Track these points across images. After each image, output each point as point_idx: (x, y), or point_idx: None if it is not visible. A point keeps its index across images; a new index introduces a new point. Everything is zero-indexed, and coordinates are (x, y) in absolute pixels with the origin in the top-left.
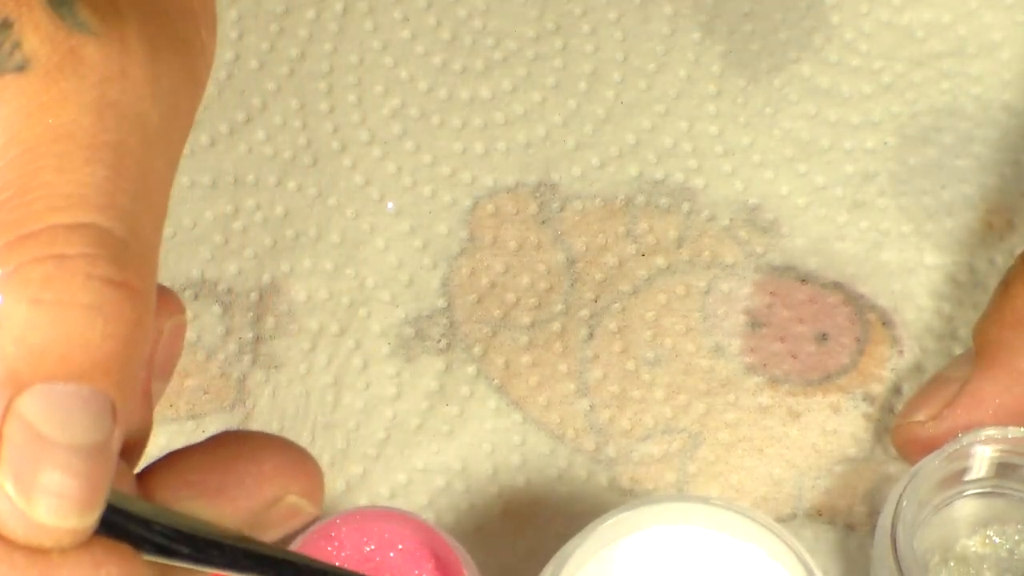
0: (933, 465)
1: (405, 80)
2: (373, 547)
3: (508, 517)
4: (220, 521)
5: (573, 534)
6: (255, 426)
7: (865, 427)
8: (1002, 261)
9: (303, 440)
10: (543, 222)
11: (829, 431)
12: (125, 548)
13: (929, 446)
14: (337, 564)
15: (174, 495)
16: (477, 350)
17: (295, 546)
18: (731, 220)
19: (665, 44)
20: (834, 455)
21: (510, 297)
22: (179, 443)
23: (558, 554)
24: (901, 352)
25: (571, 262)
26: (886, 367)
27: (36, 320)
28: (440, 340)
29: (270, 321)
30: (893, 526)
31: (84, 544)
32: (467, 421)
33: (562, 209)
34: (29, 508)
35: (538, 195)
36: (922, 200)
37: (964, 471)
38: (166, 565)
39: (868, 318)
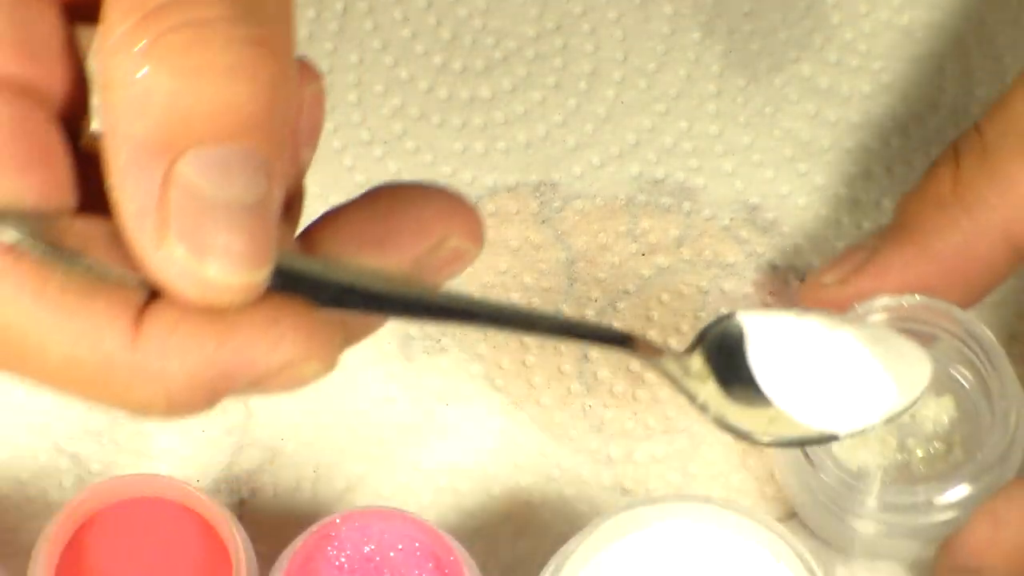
0: None
1: (405, 80)
2: (373, 547)
3: (508, 517)
4: (387, 269)
5: (574, 534)
6: (255, 426)
7: None
8: None
9: (303, 440)
10: (544, 221)
11: None
12: (299, 301)
13: (833, 308)
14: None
15: (339, 249)
16: (478, 350)
17: (295, 546)
18: (731, 220)
19: (665, 44)
20: None
21: (511, 296)
22: (179, 444)
23: (558, 554)
24: None
25: (572, 261)
26: None
27: (182, 87)
28: (441, 340)
29: None
30: None
31: (258, 301)
32: (468, 421)
33: (562, 208)
34: (202, 268)
35: (539, 194)
36: None
37: None
38: (341, 315)
39: None
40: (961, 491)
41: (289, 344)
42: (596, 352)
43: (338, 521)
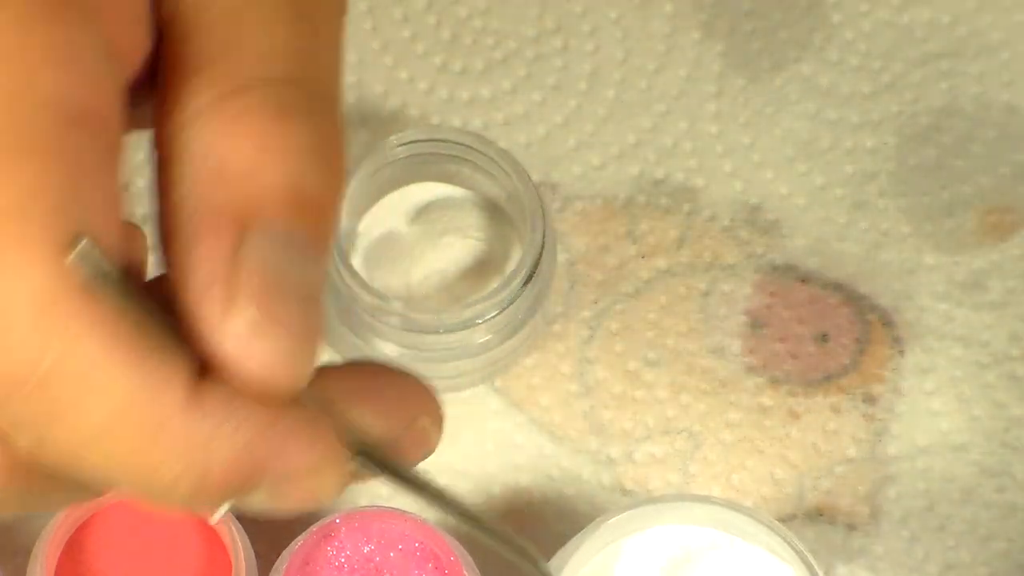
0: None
1: (405, 80)
2: (373, 547)
3: (508, 517)
4: (368, 429)
5: (574, 534)
6: None
7: (865, 427)
8: (1002, 261)
9: None
10: None
11: (829, 431)
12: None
13: None
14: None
15: (332, 397)
16: None
17: (295, 547)
18: (731, 220)
19: (665, 44)
20: (834, 455)
21: None
22: None
23: (559, 554)
24: (901, 352)
25: (571, 263)
26: (886, 367)
27: (264, 161)
28: None
29: None
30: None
31: (297, 404)
32: (468, 422)
33: (563, 209)
34: (263, 344)
35: None
36: (922, 200)
37: None
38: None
39: (868, 318)
40: (486, 312)
41: (323, 447)
42: (595, 353)
43: (338, 521)
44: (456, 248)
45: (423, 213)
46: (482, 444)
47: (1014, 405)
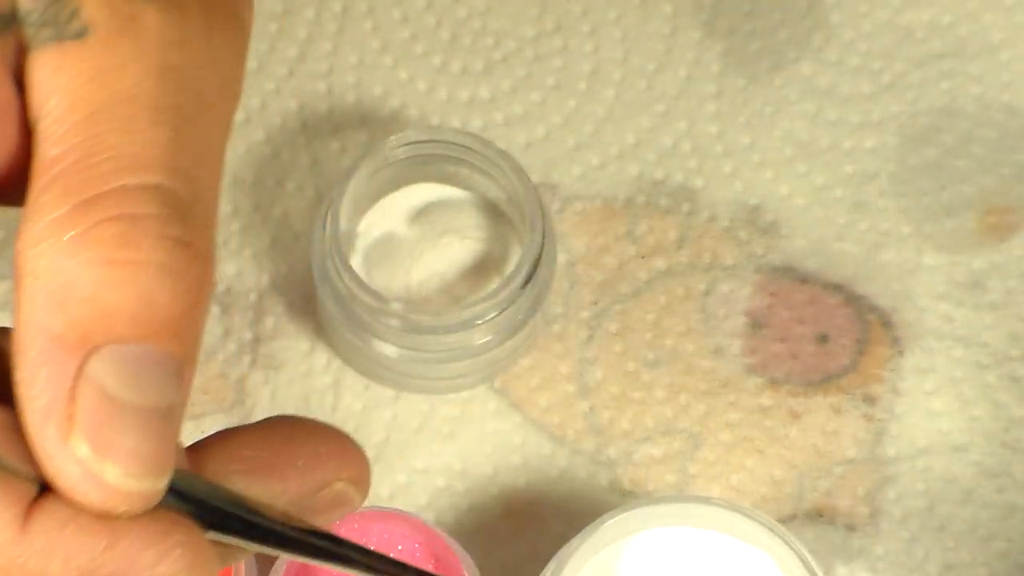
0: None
1: (405, 80)
2: (373, 548)
3: (508, 518)
4: (270, 501)
5: (573, 535)
6: None
7: (865, 428)
8: (1002, 261)
9: None
10: None
11: (829, 432)
12: (187, 520)
13: None
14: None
15: (225, 470)
16: None
17: None
18: (731, 221)
19: (665, 44)
20: (834, 456)
21: None
22: None
23: (558, 554)
24: (901, 353)
25: (571, 264)
26: (886, 368)
27: (108, 280)
28: None
29: (269, 322)
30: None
31: (150, 512)
32: (467, 422)
33: (562, 210)
34: (103, 470)
35: None
36: (922, 200)
37: None
38: (222, 541)
39: (868, 319)
40: (486, 312)
41: (175, 559)
42: (595, 353)
43: (338, 522)
44: (456, 249)
45: (423, 214)
46: (481, 444)
47: (1014, 405)
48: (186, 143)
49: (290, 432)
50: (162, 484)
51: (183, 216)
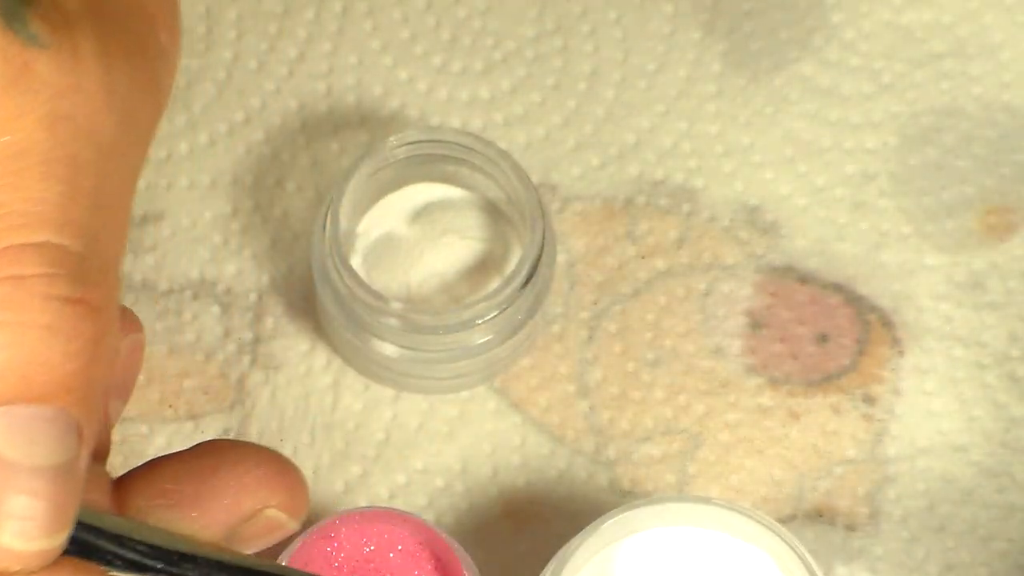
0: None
1: (405, 80)
2: (373, 548)
3: (508, 517)
4: (195, 533)
5: (573, 535)
6: (254, 427)
7: (865, 428)
8: (1002, 261)
9: (302, 441)
10: None
11: (829, 432)
12: (93, 568)
13: None
14: (323, 572)
15: (149, 504)
16: None
17: (295, 547)
18: (731, 221)
19: (665, 44)
20: (834, 456)
21: None
22: (178, 444)
23: (558, 554)
24: (901, 353)
25: (571, 264)
26: (886, 368)
27: None
28: None
29: (269, 322)
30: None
31: (52, 565)
32: (467, 422)
33: (562, 210)
34: None
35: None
36: (922, 200)
37: None
38: None
39: (868, 319)
40: (486, 312)
41: None
42: (594, 353)
43: (337, 522)
44: (456, 249)
45: (422, 214)
46: (481, 444)
47: (1014, 405)
48: (80, 195)
49: (217, 460)
50: (59, 542)
51: (74, 273)
